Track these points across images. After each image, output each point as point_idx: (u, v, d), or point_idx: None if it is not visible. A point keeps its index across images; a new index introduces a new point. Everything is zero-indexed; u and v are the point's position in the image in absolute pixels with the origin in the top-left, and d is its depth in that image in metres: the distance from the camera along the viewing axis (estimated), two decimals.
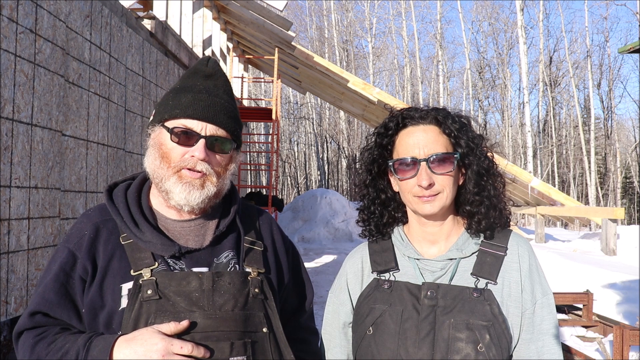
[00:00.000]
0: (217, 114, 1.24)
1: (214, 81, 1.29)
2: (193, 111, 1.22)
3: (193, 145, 1.21)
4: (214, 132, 1.23)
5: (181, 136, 1.22)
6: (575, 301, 5.01)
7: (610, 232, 10.15)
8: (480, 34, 36.10)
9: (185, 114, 1.22)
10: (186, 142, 1.22)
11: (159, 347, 1.06)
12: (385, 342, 1.22)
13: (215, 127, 1.23)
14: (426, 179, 1.22)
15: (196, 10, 9.09)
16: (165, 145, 1.23)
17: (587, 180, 28.66)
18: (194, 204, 1.23)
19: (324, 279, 8.46)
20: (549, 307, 1.24)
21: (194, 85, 1.27)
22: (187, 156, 1.22)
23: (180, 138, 1.22)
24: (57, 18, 3.62)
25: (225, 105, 1.26)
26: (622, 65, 56.87)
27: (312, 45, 34.92)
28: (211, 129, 1.23)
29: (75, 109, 3.90)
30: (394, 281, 1.28)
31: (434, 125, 1.28)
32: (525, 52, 24.09)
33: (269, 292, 1.27)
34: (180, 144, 1.22)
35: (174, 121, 1.23)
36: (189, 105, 1.23)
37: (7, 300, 3.06)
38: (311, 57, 11.89)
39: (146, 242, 1.21)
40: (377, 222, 1.37)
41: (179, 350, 1.08)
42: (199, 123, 1.22)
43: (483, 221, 1.27)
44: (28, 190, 3.27)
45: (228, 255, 1.27)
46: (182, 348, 1.08)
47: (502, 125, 35.49)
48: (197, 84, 1.27)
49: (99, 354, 1.09)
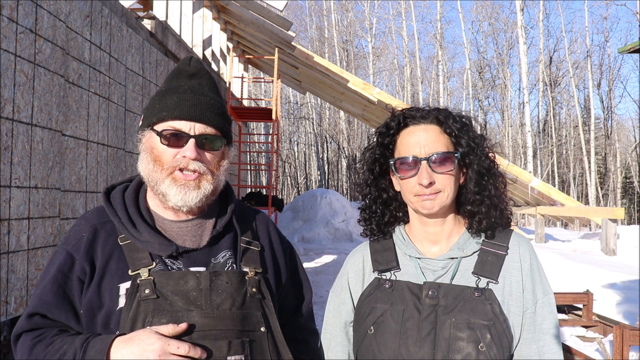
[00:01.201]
0: (204, 112, 1.24)
1: (198, 80, 1.30)
2: (180, 112, 1.23)
3: (183, 145, 1.22)
4: (203, 131, 1.24)
5: (171, 138, 1.22)
6: (575, 301, 5.01)
7: (610, 232, 10.15)
8: (480, 34, 36.14)
9: (172, 115, 1.23)
10: (176, 144, 1.22)
11: (156, 347, 1.06)
12: (386, 341, 1.22)
13: (203, 126, 1.24)
14: (427, 177, 1.22)
15: (196, 10, 9.09)
16: (157, 148, 1.24)
17: (587, 180, 28.67)
18: (191, 204, 1.23)
19: (324, 279, 8.46)
20: (550, 306, 1.24)
21: (179, 86, 1.27)
22: (179, 157, 1.22)
23: (170, 140, 1.22)
24: (57, 18, 3.62)
25: (211, 103, 1.27)
26: (622, 65, 56.95)
27: (312, 45, 34.92)
28: (200, 128, 1.23)
29: (75, 109, 3.90)
30: (395, 280, 1.29)
31: (435, 124, 1.28)
32: (525, 52, 24.09)
33: (266, 292, 1.27)
34: (170, 146, 1.23)
35: (162, 124, 1.24)
36: (175, 106, 1.23)
37: (7, 300, 3.06)
38: (311, 57, 11.89)
39: (144, 243, 1.21)
40: (378, 222, 1.38)
41: (175, 351, 1.08)
42: (187, 123, 1.23)
43: (484, 221, 1.27)
44: (28, 190, 3.27)
45: (225, 255, 1.27)
46: (178, 348, 1.08)
47: (502, 125, 35.50)
48: (181, 85, 1.28)
49: (96, 355, 1.09)
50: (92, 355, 1.09)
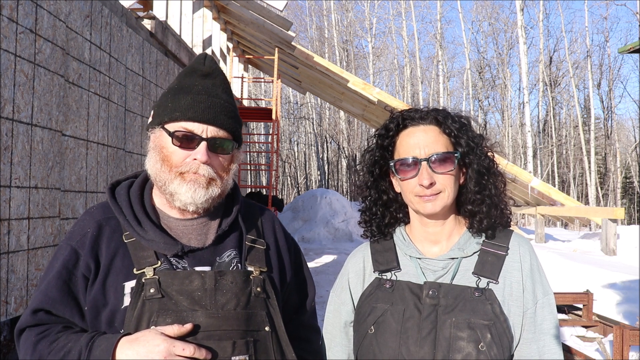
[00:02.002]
0: (218, 115, 1.22)
1: (213, 80, 1.27)
2: (193, 113, 1.20)
3: (195, 148, 1.20)
4: (215, 134, 1.22)
5: (183, 140, 1.20)
6: (575, 301, 5.01)
7: (610, 232, 10.15)
8: (480, 34, 36.15)
9: (185, 116, 1.21)
10: (188, 146, 1.21)
11: (161, 349, 1.06)
12: (386, 341, 1.23)
13: (216, 129, 1.22)
14: (427, 178, 1.22)
15: (196, 10, 9.09)
16: (167, 148, 1.22)
17: (587, 180, 28.67)
18: (199, 202, 1.22)
19: (324, 279, 8.46)
20: (550, 307, 1.24)
21: (193, 85, 1.25)
22: (189, 159, 1.21)
23: (182, 141, 1.21)
24: (57, 18, 3.62)
25: (225, 105, 1.25)
26: (622, 65, 56.93)
27: (312, 45, 34.92)
28: (212, 131, 1.22)
29: (75, 109, 3.90)
30: (395, 280, 1.29)
31: (434, 125, 1.28)
32: (525, 52, 24.09)
33: (271, 291, 1.27)
34: (182, 148, 1.21)
35: (174, 124, 1.22)
36: (189, 107, 1.21)
37: (7, 300, 3.06)
38: (311, 57, 11.89)
39: (149, 241, 1.20)
40: (379, 223, 1.38)
41: (181, 352, 1.07)
42: (199, 125, 1.20)
43: (485, 220, 1.27)
44: (28, 190, 3.27)
45: (230, 254, 1.27)
46: (184, 350, 1.07)
47: (502, 125, 35.50)
48: (195, 84, 1.25)
49: (101, 354, 1.08)
50: (97, 355, 1.08)
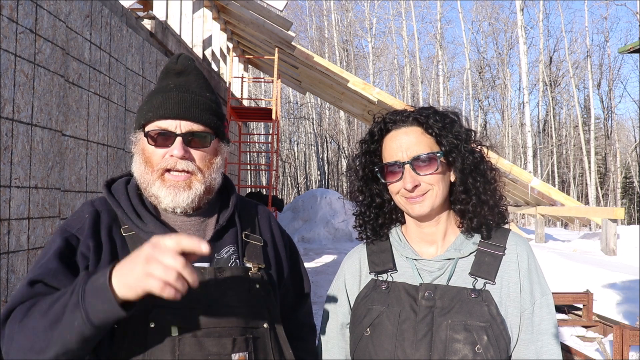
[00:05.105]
0: (189, 109, 1.23)
1: (185, 77, 1.28)
2: (164, 111, 1.22)
3: (170, 145, 1.21)
4: (190, 128, 1.22)
5: (157, 138, 1.21)
6: (575, 301, 5.02)
7: (610, 232, 10.15)
8: (480, 34, 36.12)
9: (157, 115, 1.22)
10: (163, 143, 1.21)
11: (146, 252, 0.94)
12: (382, 343, 1.22)
13: (189, 123, 1.22)
14: (410, 181, 1.23)
15: (196, 10, 9.09)
16: (146, 149, 1.23)
17: (587, 180, 28.65)
18: (183, 205, 1.22)
19: (324, 279, 8.46)
20: (548, 307, 1.23)
21: (166, 85, 1.27)
22: (167, 156, 1.21)
23: (157, 140, 1.21)
24: (57, 18, 3.62)
25: (197, 99, 1.25)
26: (622, 65, 56.90)
27: (312, 45, 34.91)
28: (186, 126, 1.22)
29: (75, 109, 3.90)
30: (391, 282, 1.28)
31: (415, 126, 1.27)
32: (525, 52, 24.08)
33: (269, 288, 1.27)
34: (158, 146, 1.22)
35: (150, 125, 1.23)
36: (160, 106, 1.22)
37: (7, 300, 3.06)
38: (311, 57, 11.88)
39: (148, 234, 1.19)
40: (373, 225, 1.37)
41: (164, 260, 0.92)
42: (172, 122, 1.21)
43: (475, 219, 1.26)
44: (28, 190, 3.28)
45: (229, 250, 1.27)
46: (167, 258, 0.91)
47: (502, 125, 35.48)
48: (168, 84, 1.27)
49: (99, 278, 0.97)
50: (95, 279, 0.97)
